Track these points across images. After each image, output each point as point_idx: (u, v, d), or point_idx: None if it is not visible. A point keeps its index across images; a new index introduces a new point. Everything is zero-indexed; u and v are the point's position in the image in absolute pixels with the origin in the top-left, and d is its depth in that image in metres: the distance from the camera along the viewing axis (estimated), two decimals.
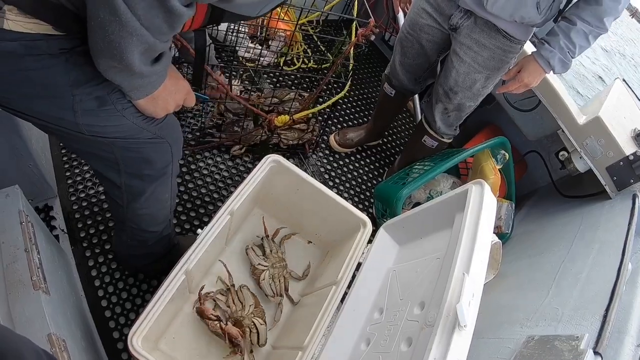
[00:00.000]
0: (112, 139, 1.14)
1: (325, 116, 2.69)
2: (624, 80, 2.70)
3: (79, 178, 2.10)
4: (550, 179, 2.58)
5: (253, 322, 1.65)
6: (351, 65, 2.27)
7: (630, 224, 1.77)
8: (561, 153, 2.30)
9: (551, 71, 1.79)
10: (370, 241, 1.73)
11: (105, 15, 0.81)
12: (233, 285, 1.74)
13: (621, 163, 2.02)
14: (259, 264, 1.81)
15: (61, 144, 2.17)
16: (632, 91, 2.67)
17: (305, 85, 2.98)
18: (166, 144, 1.27)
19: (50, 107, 1.02)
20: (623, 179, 2.03)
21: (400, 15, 2.61)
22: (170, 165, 1.36)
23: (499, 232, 2.39)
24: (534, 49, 1.82)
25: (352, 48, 2.00)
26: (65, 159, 2.14)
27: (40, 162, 1.80)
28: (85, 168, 2.13)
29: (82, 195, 2.05)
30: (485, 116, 2.98)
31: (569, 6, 1.72)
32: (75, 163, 2.14)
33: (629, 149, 2.03)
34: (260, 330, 1.64)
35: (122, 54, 0.87)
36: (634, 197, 1.94)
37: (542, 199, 2.69)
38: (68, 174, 2.10)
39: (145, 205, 1.43)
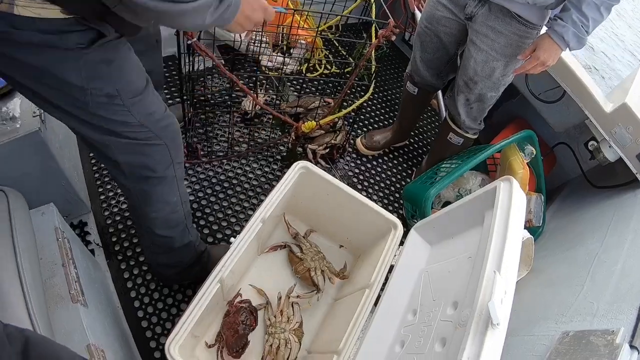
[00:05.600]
0: (116, 137, 1.19)
1: (351, 120, 2.70)
2: None
3: (111, 193, 2.15)
4: (580, 170, 2.53)
5: (290, 338, 1.67)
6: (373, 67, 2.28)
7: None
8: (590, 143, 2.26)
9: (567, 48, 1.74)
10: (401, 243, 1.73)
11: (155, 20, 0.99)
12: (283, 297, 1.79)
13: None
14: (301, 259, 1.86)
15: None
16: None
17: (329, 91, 2.99)
18: (164, 145, 1.31)
19: (61, 97, 1.07)
20: None
21: (417, 12, 2.61)
22: (171, 167, 1.40)
23: (530, 225, 2.36)
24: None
25: (374, 50, 2.01)
26: (97, 175, 2.20)
27: (73, 179, 1.85)
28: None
29: (115, 209, 2.10)
30: (511, 110, 2.94)
31: None
32: (106, 179, 2.19)
33: None
34: (294, 348, 1.66)
35: (182, 27, 1.07)
36: None
37: (573, 191, 2.64)
38: (100, 189, 2.15)
39: (156, 209, 1.47)
